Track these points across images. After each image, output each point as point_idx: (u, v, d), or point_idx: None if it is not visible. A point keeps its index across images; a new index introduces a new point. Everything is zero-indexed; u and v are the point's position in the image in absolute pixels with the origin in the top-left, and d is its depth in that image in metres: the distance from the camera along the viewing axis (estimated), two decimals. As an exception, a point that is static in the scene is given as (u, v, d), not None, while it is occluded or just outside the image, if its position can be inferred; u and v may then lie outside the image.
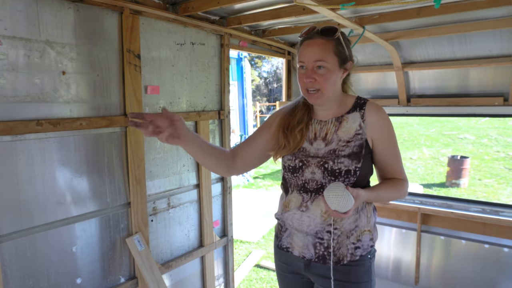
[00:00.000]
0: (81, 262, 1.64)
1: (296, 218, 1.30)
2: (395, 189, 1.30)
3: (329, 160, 1.24)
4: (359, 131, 1.26)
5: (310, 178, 1.27)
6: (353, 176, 1.23)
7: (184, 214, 2.16)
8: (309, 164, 1.27)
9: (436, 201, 2.96)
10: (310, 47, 1.22)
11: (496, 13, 1.97)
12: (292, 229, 1.34)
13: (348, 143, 1.25)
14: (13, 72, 1.36)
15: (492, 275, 2.67)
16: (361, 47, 2.78)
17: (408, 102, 2.92)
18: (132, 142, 1.78)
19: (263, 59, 22.97)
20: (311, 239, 1.29)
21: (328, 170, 1.23)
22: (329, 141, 1.28)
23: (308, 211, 1.28)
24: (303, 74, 1.24)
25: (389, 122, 1.29)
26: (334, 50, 1.22)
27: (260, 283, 3.58)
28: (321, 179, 1.25)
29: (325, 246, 1.27)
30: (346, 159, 1.22)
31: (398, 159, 1.32)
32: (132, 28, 1.73)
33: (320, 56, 1.20)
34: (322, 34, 1.22)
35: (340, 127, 1.28)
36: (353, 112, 1.29)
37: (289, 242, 1.36)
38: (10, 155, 1.38)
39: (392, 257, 3.09)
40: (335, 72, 1.23)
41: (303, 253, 1.32)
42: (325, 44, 1.21)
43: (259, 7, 1.99)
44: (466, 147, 10.78)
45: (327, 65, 1.21)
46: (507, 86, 2.50)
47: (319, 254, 1.29)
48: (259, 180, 8.29)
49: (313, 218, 1.27)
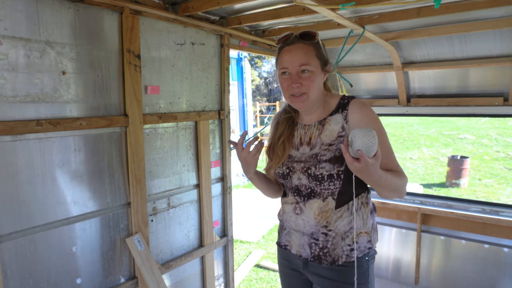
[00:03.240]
0: (81, 262, 1.64)
1: (292, 220, 1.35)
2: (397, 176, 1.23)
3: (311, 165, 1.26)
4: (342, 133, 1.25)
5: (298, 184, 1.31)
6: (337, 179, 1.23)
7: (184, 214, 2.16)
8: (294, 171, 1.31)
9: (436, 201, 2.96)
10: (292, 52, 1.23)
11: (496, 13, 1.97)
12: (290, 229, 1.39)
13: (330, 146, 1.25)
14: (13, 72, 1.36)
15: (492, 275, 2.67)
16: (361, 47, 2.78)
17: (408, 102, 2.92)
18: (132, 142, 1.78)
19: (263, 59, 22.95)
20: (307, 239, 1.32)
21: (312, 176, 1.25)
22: (314, 145, 1.30)
23: (302, 213, 1.31)
24: (286, 79, 1.25)
25: (375, 119, 1.25)
26: (316, 54, 1.24)
27: (260, 283, 3.58)
28: (308, 183, 1.28)
29: (320, 246, 1.29)
30: (327, 164, 1.23)
31: (390, 156, 1.28)
32: (132, 28, 1.73)
33: (304, 60, 1.22)
34: (302, 39, 1.23)
35: (323, 130, 1.29)
36: (335, 114, 1.29)
37: (288, 240, 1.41)
38: (10, 155, 1.38)
39: (392, 257, 3.09)
40: (319, 75, 1.25)
41: (300, 252, 1.35)
42: (307, 48, 1.23)
43: (259, 7, 1.99)
44: (466, 147, 10.79)
45: (311, 68, 1.22)
46: (507, 86, 2.50)
47: (314, 254, 1.31)
48: (259, 180, 8.27)
49: (307, 221, 1.30)
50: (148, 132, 1.90)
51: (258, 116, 14.48)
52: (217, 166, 2.37)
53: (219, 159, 2.38)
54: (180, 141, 2.09)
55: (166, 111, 1.98)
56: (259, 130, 6.74)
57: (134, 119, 1.78)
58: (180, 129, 2.09)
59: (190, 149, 2.16)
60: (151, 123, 1.88)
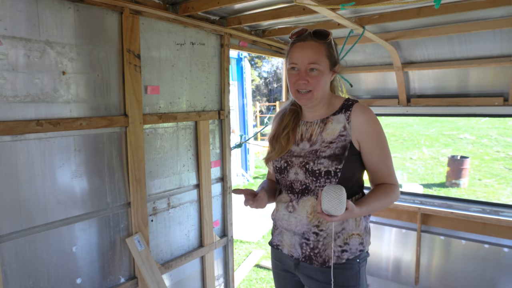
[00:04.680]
0: (81, 262, 1.64)
1: (285, 219, 1.35)
2: (386, 197, 1.27)
3: (310, 160, 1.26)
4: (343, 133, 1.26)
5: (294, 179, 1.31)
6: (334, 177, 1.23)
7: (184, 214, 2.16)
8: (292, 165, 1.31)
9: (436, 201, 2.96)
10: (304, 49, 1.24)
11: (496, 13, 1.97)
12: (282, 228, 1.38)
13: (330, 144, 1.26)
14: (13, 72, 1.36)
15: (492, 275, 2.67)
16: (361, 47, 2.78)
17: (408, 102, 2.92)
18: (132, 142, 1.78)
19: (263, 59, 22.96)
20: (298, 239, 1.32)
21: (309, 171, 1.25)
22: (314, 142, 1.30)
23: (295, 212, 1.31)
24: (295, 75, 1.25)
25: (377, 124, 1.27)
26: (327, 53, 1.24)
27: (260, 283, 3.58)
28: (304, 179, 1.28)
29: (311, 247, 1.29)
30: (326, 160, 1.23)
31: (387, 162, 1.30)
32: (132, 28, 1.73)
33: (314, 59, 1.22)
34: (315, 37, 1.24)
35: (325, 129, 1.30)
36: (338, 114, 1.30)
37: (279, 240, 1.41)
38: (10, 155, 1.38)
39: (392, 257, 3.09)
40: (326, 75, 1.26)
41: (291, 252, 1.35)
42: (319, 47, 1.23)
43: (259, 7, 1.99)
44: (466, 147, 10.79)
45: (320, 67, 1.23)
46: (507, 86, 2.50)
47: (305, 254, 1.31)
48: (259, 180, 8.29)
49: (299, 219, 1.30)
50: (148, 132, 1.90)
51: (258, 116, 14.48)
52: (217, 166, 2.37)
53: (219, 159, 2.38)
54: (180, 141, 2.09)
55: (166, 111, 1.98)
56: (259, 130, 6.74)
57: (134, 119, 1.78)
58: (180, 129, 2.09)
59: (190, 149, 2.16)
60: (151, 123, 1.88)
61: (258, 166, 9.90)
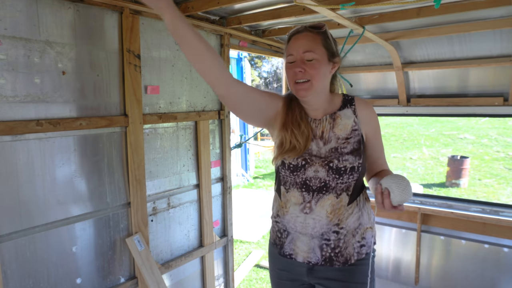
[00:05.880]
0: (81, 262, 1.64)
1: (300, 221, 1.25)
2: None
3: (334, 159, 1.23)
4: (355, 127, 1.28)
5: (312, 176, 1.24)
6: (357, 172, 1.23)
7: (184, 214, 2.16)
8: (312, 163, 1.24)
9: (436, 201, 2.96)
10: (299, 39, 1.24)
11: (496, 13, 1.97)
12: (296, 233, 1.28)
13: (347, 139, 1.26)
14: (13, 72, 1.36)
15: (492, 275, 2.67)
16: (361, 47, 2.78)
17: (408, 102, 2.92)
18: (132, 142, 1.78)
19: (263, 59, 22.95)
20: (317, 241, 1.25)
21: (333, 169, 1.22)
22: (327, 140, 1.27)
23: (313, 213, 1.23)
24: (292, 66, 1.24)
25: (376, 116, 1.36)
26: (323, 43, 1.24)
27: (260, 283, 3.58)
28: (325, 176, 1.23)
29: (331, 247, 1.25)
30: (350, 156, 1.23)
31: (383, 151, 1.40)
32: (132, 28, 1.73)
33: (309, 47, 1.21)
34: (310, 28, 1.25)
35: (335, 125, 1.29)
36: (344, 109, 1.31)
37: (292, 249, 1.30)
38: (10, 155, 1.38)
39: (392, 257, 3.09)
40: (325, 64, 1.23)
41: (309, 258, 1.27)
42: (314, 36, 1.23)
43: (259, 7, 1.99)
44: (466, 147, 10.79)
45: (316, 56, 1.21)
46: (507, 86, 2.50)
47: (325, 256, 1.25)
48: (259, 180, 8.29)
49: (318, 220, 1.23)
50: (148, 132, 1.90)
51: (258, 116, 14.44)
52: (217, 166, 2.37)
53: (219, 159, 2.38)
54: (180, 141, 2.09)
55: (166, 111, 1.98)
56: (259, 130, 6.74)
57: (134, 119, 1.78)
58: (180, 129, 2.09)
59: (190, 149, 2.16)
60: (151, 123, 1.88)
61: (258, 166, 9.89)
